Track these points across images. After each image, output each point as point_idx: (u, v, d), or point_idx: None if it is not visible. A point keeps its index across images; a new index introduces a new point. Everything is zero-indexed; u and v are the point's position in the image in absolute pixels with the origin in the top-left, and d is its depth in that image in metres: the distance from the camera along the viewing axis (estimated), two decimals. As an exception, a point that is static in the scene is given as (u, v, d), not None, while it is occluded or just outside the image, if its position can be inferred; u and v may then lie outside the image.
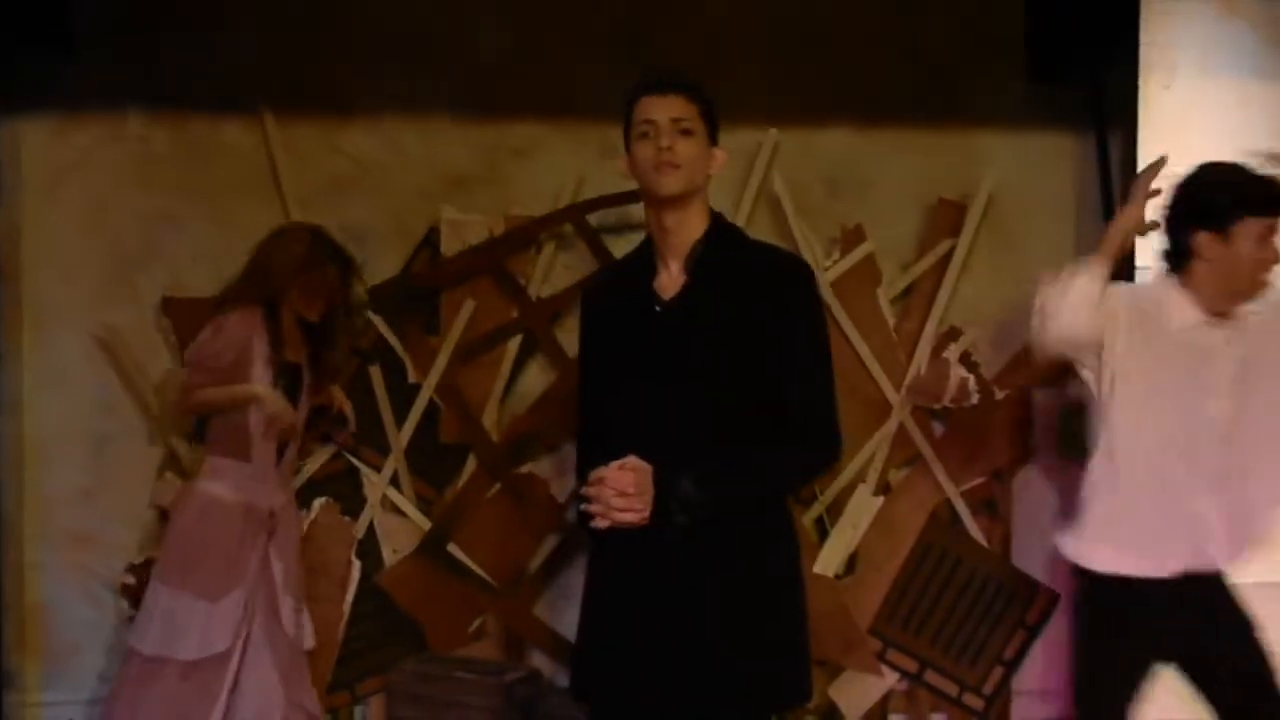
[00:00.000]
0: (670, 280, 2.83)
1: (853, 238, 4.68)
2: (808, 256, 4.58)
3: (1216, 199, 3.30)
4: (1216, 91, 4.09)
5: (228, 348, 4.02)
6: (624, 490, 2.68)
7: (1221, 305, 3.32)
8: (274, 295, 4.09)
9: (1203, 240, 3.31)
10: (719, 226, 2.87)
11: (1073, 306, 3.25)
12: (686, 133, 2.78)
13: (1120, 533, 3.36)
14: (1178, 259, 3.37)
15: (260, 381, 4.05)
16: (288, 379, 4.16)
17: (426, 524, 4.62)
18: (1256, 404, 3.30)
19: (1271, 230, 3.28)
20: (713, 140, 2.85)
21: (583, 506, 2.77)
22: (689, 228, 2.81)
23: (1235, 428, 3.30)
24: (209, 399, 4.06)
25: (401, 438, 4.63)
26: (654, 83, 2.83)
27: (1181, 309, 3.33)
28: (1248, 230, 3.26)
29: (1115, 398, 3.35)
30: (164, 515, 4.39)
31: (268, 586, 4.09)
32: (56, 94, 4.54)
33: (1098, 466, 3.42)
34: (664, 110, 2.79)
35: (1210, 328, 3.32)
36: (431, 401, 4.62)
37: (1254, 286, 3.31)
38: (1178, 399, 3.30)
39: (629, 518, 2.68)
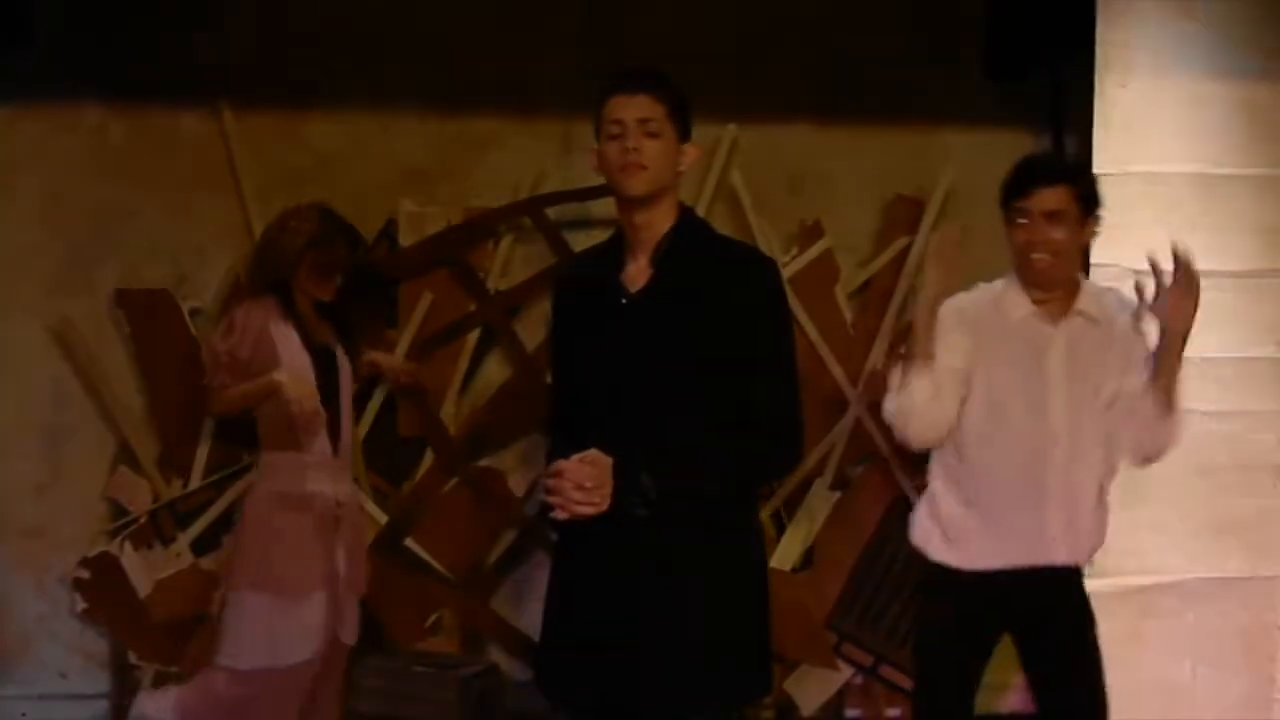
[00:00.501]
0: (638, 273, 2.83)
1: (811, 233, 4.70)
2: (766, 252, 4.58)
3: (1003, 190, 3.31)
4: (1172, 91, 4.11)
5: (242, 342, 3.86)
6: (582, 484, 2.68)
7: (1032, 294, 3.27)
8: (284, 280, 3.93)
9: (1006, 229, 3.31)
10: (687, 221, 2.87)
11: (919, 413, 3.25)
12: (653, 134, 2.78)
13: (954, 527, 3.34)
14: None
15: (292, 369, 3.85)
16: (323, 363, 3.97)
17: (384, 518, 4.61)
18: (1081, 404, 3.25)
19: (1026, 211, 3.22)
20: (684, 136, 2.85)
21: (543, 497, 2.77)
22: (657, 223, 2.82)
23: (1068, 421, 3.24)
24: (233, 397, 3.91)
25: (358, 431, 4.60)
26: (623, 82, 2.81)
27: (1015, 300, 3.30)
28: (1014, 214, 3.25)
29: (970, 397, 3.30)
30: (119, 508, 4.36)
31: (334, 584, 3.90)
32: (12, 84, 4.50)
33: (944, 457, 3.38)
34: (632, 111, 2.77)
35: (1039, 319, 3.27)
36: (389, 395, 4.61)
37: (1029, 270, 3.24)
38: (1016, 392, 3.25)
39: (587, 510, 2.69)
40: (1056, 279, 3.24)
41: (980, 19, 4.68)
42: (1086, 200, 3.24)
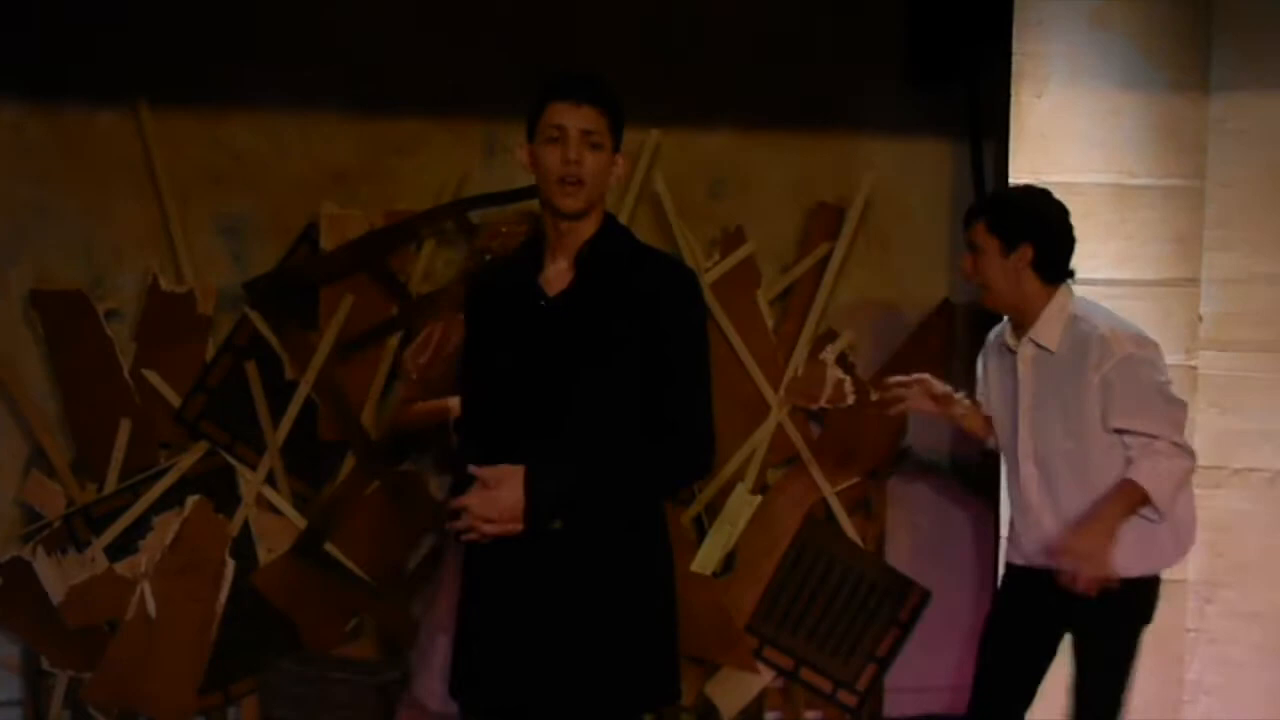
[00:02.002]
0: (557, 276, 2.83)
1: (733, 239, 4.72)
2: (688, 257, 4.62)
3: None
4: (1086, 101, 4.18)
5: (434, 360, 3.76)
6: (488, 517, 2.68)
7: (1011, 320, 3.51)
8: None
9: None
10: (610, 228, 2.88)
11: None
12: (595, 146, 2.77)
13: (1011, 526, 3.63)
14: None
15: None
16: None
17: (303, 522, 4.58)
18: (1046, 427, 3.41)
19: (970, 245, 3.44)
20: (617, 148, 2.85)
21: (449, 525, 2.77)
22: (581, 229, 2.82)
23: (1033, 441, 3.44)
24: (409, 416, 3.79)
25: (278, 435, 4.57)
26: (570, 89, 2.77)
27: (1006, 327, 3.54)
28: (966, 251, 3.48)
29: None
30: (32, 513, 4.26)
31: None
32: (-74, 80, 4.43)
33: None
34: (576, 120, 2.74)
35: (1011, 345, 3.48)
36: (309, 398, 4.58)
37: (983, 293, 3.48)
38: (1002, 412, 3.53)
39: (496, 531, 2.69)
40: (1001, 307, 3.46)
41: (901, 29, 4.72)
42: (1002, 232, 3.39)
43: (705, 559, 4.69)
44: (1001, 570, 3.71)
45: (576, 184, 2.74)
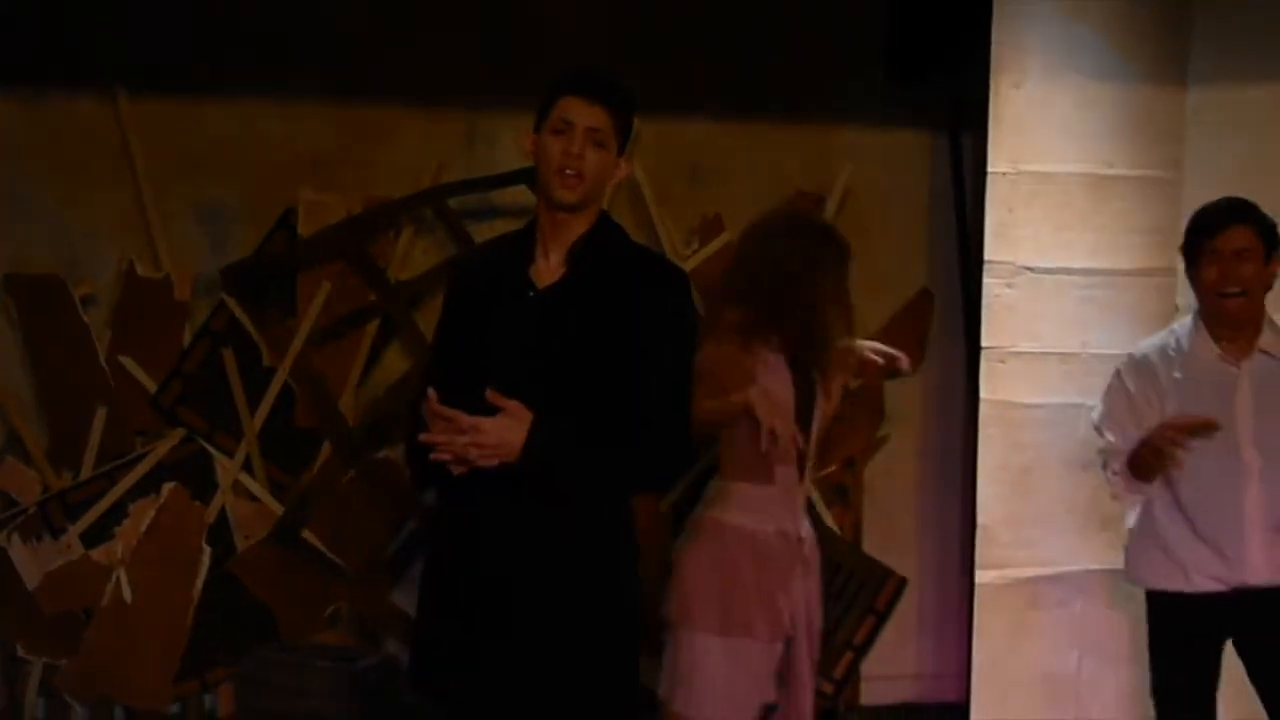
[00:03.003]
0: (548, 269, 2.84)
1: (712, 227, 4.73)
2: (667, 245, 4.63)
3: (1188, 237, 3.48)
4: (1063, 93, 4.19)
5: (719, 356, 3.51)
6: (489, 444, 2.67)
7: (1218, 334, 3.42)
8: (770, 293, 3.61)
9: (1191, 276, 3.47)
10: (604, 225, 2.89)
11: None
12: (599, 144, 2.78)
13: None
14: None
15: (769, 392, 3.50)
16: (802, 387, 3.63)
17: (280, 510, 4.57)
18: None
19: (1221, 253, 3.36)
20: (621, 150, 2.85)
21: (435, 450, 2.71)
22: (576, 224, 2.83)
23: (1268, 458, 3.40)
24: (704, 413, 3.42)
25: (255, 422, 4.56)
26: (583, 85, 2.80)
27: (1203, 343, 3.44)
28: (1207, 258, 3.39)
29: None
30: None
31: (793, 630, 3.59)
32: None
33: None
34: (585, 117, 2.76)
35: (1224, 361, 3.42)
36: (286, 385, 4.56)
37: (1222, 311, 3.38)
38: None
39: (487, 460, 2.67)
40: (1245, 316, 3.39)
41: (881, 19, 4.73)
42: (1269, 236, 3.39)
43: (683, 547, 4.69)
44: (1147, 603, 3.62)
45: (576, 176, 2.76)
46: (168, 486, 4.51)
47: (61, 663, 4.47)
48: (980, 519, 4.24)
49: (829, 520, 4.76)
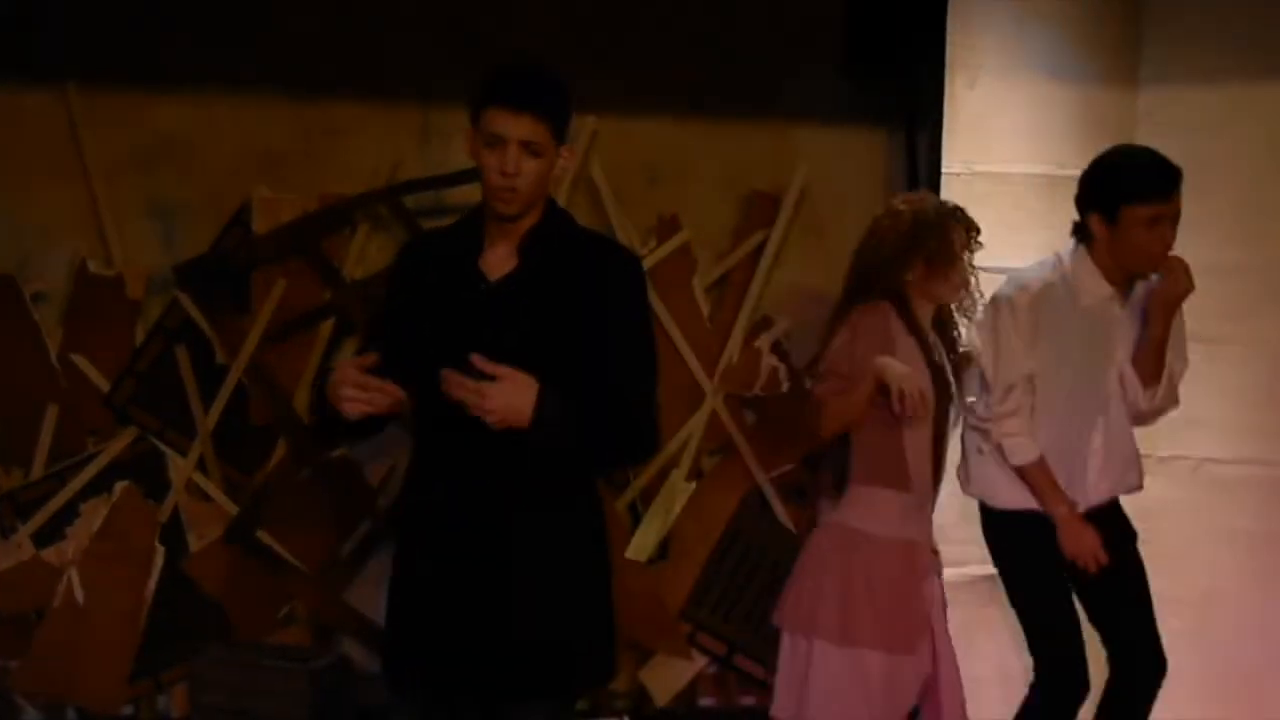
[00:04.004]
0: (498, 261, 2.83)
1: (669, 226, 4.73)
2: (625, 244, 4.62)
3: (1105, 186, 3.61)
4: (1017, 91, 4.23)
5: (869, 350, 3.43)
6: (498, 408, 2.64)
7: (1119, 281, 3.66)
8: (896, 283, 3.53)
9: (1095, 222, 3.62)
10: (553, 214, 2.89)
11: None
12: (535, 154, 2.75)
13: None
14: (1083, 237, 3.67)
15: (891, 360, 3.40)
16: (937, 384, 3.54)
17: (234, 509, 4.54)
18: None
19: (1158, 215, 3.56)
20: (562, 141, 2.83)
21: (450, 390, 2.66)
22: (524, 218, 2.83)
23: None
24: (835, 411, 3.44)
25: (209, 420, 4.53)
26: (509, 94, 2.74)
27: (1093, 284, 3.67)
28: (1135, 216, 3.55)
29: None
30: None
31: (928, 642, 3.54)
32: None
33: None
34: (515, 130, 2.71)
35: (1113, 302, 3.66)
36: (241, 384, 4.53)
37: (1146, 266, 3.63)
38: (1084, 367, 3.68)
39: (498, 420, 2.65)
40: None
41: (836, 18, 4.74)
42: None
43: (639, 546, 4.70)
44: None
45: (512, 191, 2.74)
46: (120, 486, 4.47)
47: (13, 664, 4.43)
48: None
49: (785, 519, 4.78)
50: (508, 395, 2.63)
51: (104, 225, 4.47)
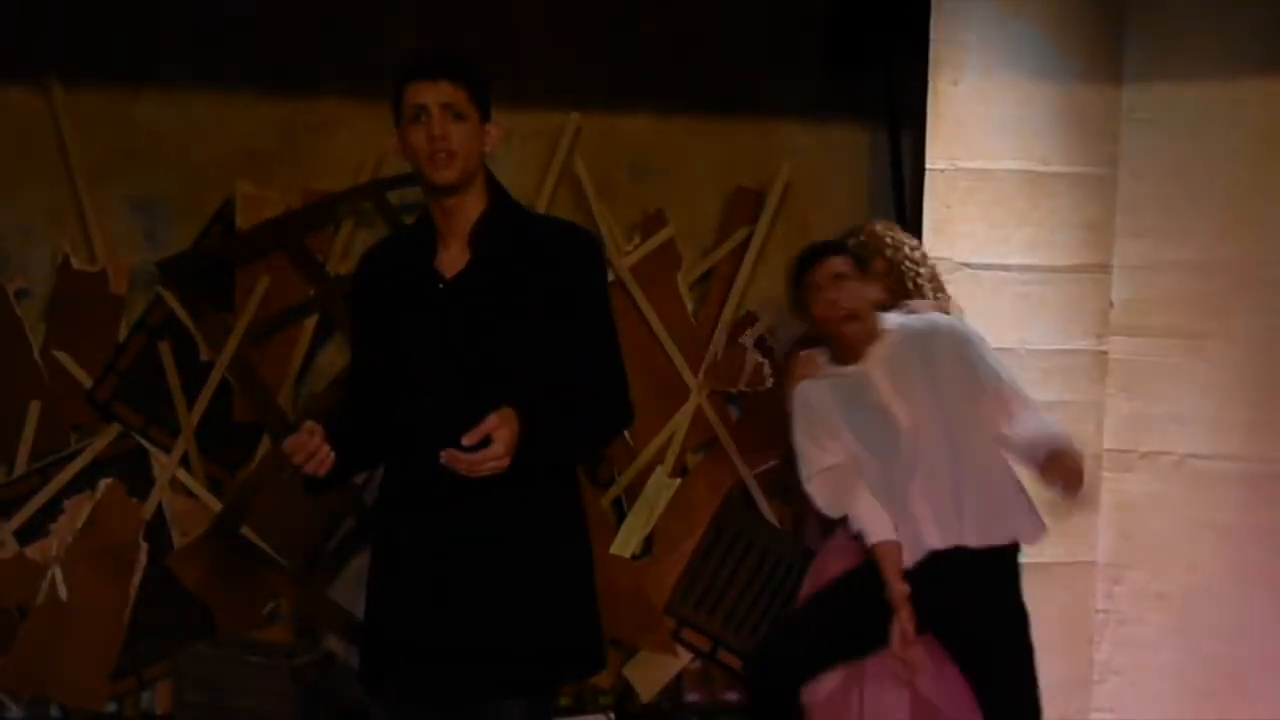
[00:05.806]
0: (451, 260, 2.83)
1: (654, 223, 4.74)
2: (609, 240, 4.63)
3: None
4: (1001, 90, 4.22)
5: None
6: (499, 454, 2.63)
7: (842, 353, 3.55)
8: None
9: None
10: (500, 203, 2.88)
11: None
12: (459, 117, 2.77)
13: None
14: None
15: None
16: None
17: (218, 505, 4.53)
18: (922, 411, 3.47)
19: (824, 282, 3.49)
20: (486, 117, 2.85)
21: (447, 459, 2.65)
22: (469, 208, 2.82)
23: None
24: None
25: (192, 417, 4.52)
26: (422, 68, 2.79)
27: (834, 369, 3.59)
28: (810, 283, 3.53)
29: None
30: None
31: None
32: None
33: None
34: (434, 95, 2.75)
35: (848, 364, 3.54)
36: (224, 380, 4.53)
37: (835, 329, 3.51)
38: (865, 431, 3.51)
39: (493, 469, 2.65)
40: (863, 338, 3.52)
41: (820, 16, 4.75)
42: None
43: (624, 542, 4.70)
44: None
45: (447, 154, 2.75)
46: (104, 483, 4.47)
47: (-5, 662, 4.42)
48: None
49: (769, 514, 4.79)
50: (506, 437, 2.64)
51: (87, 221, 4.47)
